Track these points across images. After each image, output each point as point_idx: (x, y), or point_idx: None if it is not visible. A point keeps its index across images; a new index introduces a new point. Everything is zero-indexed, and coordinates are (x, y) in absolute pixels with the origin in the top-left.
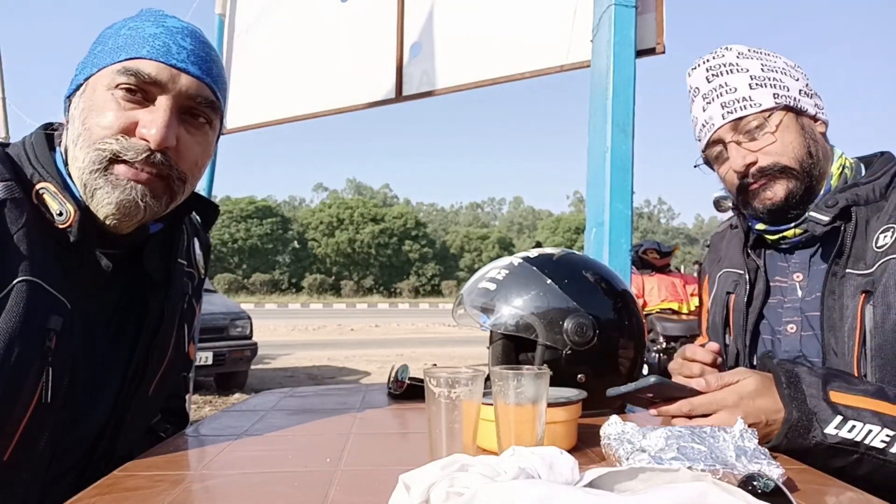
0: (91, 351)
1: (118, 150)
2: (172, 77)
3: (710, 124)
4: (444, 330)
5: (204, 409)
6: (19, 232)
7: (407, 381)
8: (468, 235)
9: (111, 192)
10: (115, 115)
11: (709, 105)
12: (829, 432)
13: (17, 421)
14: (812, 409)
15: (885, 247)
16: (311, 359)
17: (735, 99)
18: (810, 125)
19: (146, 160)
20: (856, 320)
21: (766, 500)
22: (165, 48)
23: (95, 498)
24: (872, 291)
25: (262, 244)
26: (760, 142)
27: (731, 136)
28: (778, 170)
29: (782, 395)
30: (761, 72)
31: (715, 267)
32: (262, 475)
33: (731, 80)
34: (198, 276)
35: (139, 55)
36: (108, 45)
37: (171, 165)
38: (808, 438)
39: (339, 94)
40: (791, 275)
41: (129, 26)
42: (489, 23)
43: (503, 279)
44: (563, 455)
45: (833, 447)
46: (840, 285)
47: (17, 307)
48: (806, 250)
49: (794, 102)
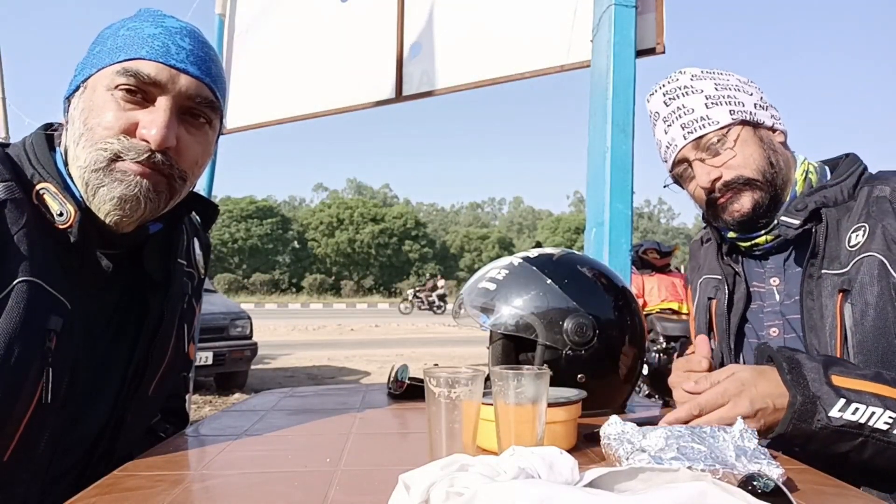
0: (91, 351)
1: (119, 150)
2: (172, 77)
3: (673, 145)
4: (444, 330)
5: (204, 409)
6: (20, 232)
7: (407, 381)
8: (468, 235)
9: (114, 188)
10: (116, 116)
11: (669, 128)
12: (833, 415)
13: (18, 421)
14: (815, 393)
15: (858, 245)
16: (311, 359)
17: (693, 119)
18: (768, 136)
19: (147, 160)
20: (836, 319)
21: (765, 500)
22: (165, 48)
23: (95, 498)
24: (849, 290)
25: (262, 244)
26: (722, 157)
27: (694, 154)
28: (742, 182)
29: (785, 381)
30: (715, 91)
31: (696, 275)
32: (262, 475)
33: (687, 102)
34: (197, 276)
35: (139, 56)
36: (108, 45)
37: (171, 165)
38: (812, 422)
39: (339, 94)
40: (768, 280)
41: (129, 27)
42: (489, 23)
43: (503, 279)
44: (563, 455)
45: (838, 430)
46: (817, 286)
47: (18, 307)
48: (779, 255)
49: (750, 116)
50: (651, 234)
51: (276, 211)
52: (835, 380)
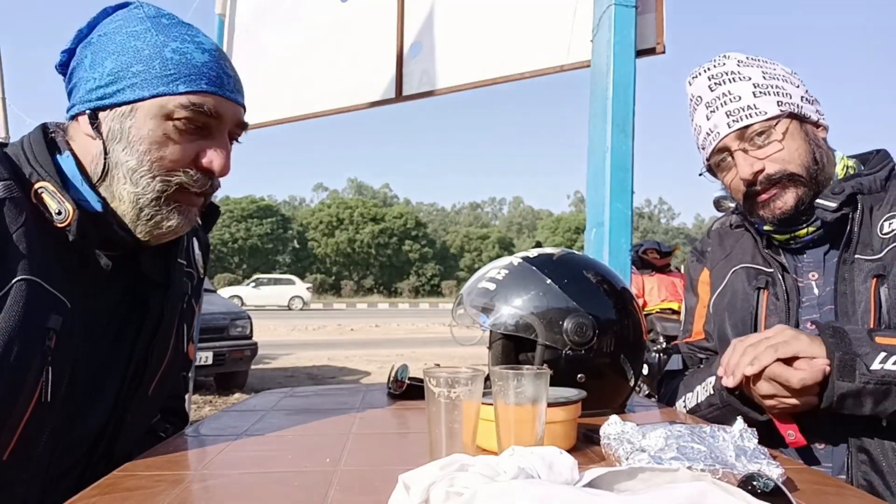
0: (91, 350)
1: (185, 182)
2: (228, 109)
3: (714, 132)
4: (444, 330)
5: (204, 409)
6: (18, 231)
7: (407, 381)
8: (468, 235)
9: (171, 218)
10: (183, 150)
11: (713, 114)
12: (874, 367)
13: (17, 420)
14: (856, 351)
15: (891, 233)
16: (311, 359)
17: (740, 107)
18: (813, 131)
19: (209, 188)
20: (870, 303)
21: (765, 500)
22: (219, 80)
23: (95, 498)
24: (885, 275)
25: (263, 244)
26: (767, 149)
27: (737, 144)
28: (786, 177)
29: (827, 343)
30: (763, 80)
31: (723, 262)
32: (262, 475)
33: (734, 89)
34: (197, 276)
35: (200, 89)
36: (155, 68)
37: (214, 186)
38: (855, 377)
39: (339, 94)
40: (806, 274)
41: (172, 48)
42: (489, 23)
43: (503, 279)
44: (563, 455)
45: (881, 382)
46: (850, 271)
47: (17, 306)
48: (818, 249)
49: (797, 109)
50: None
51: (276, 210)
52: (877, 338)
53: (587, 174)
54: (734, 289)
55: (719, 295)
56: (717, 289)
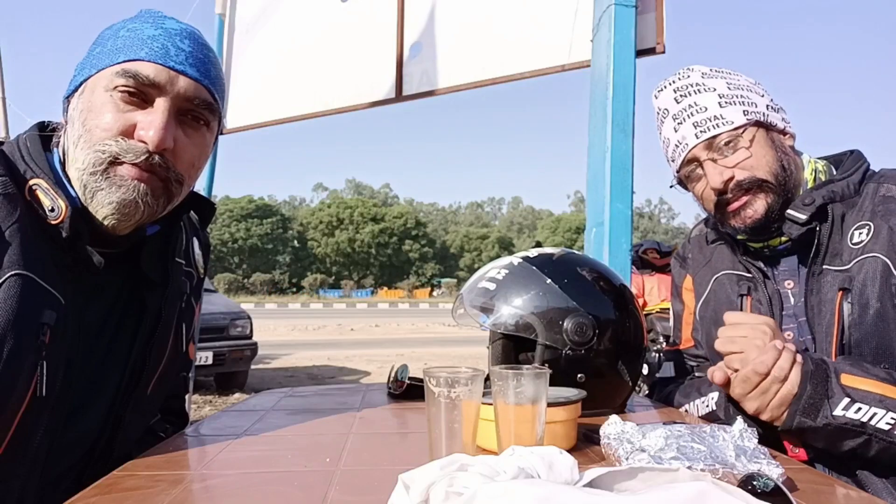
0: (88, 348)
1: (117, 152)
2: (171, 79)
3: (683, 144)
4: (444, 330)
5: (204, 409)
6: (12, 227)
7: (407, 381)
8: (468, 235)
9: (113, 192)
10: (114, 117)
11: (680, 125)
12: (837, 413)
13: (13, 414)
14: (827, 393)
15: (860, 244)
16: (311, 359)
17: (707, 118)
18: (780, 139)
19: (145, 162)
20: (834, 316)
21: (765, 500)
22: (164, 50)
23: (95, 498)
24: (849, 289)
25: (262, 244)
26: (735, 157)
27: (706, 154)
28: (755, 184)
29: (803, 373)
30: (728, 90)
31: (704, 269)
32: (262, 475)
33: (700, 100)
34: (196, 276)
35: (138, 57)
36: (107, 46)
37: (168, 167)
38: (817, 417)
39: (339, 94)
40: (783, 282)
41: (129, 28)
42: (489, 23)
43: (503, 279)
44: (563, 455)
45: (841, 428)
46: (818, 282)
47: (10, 300)
48: (792, 257)
49: (763, 118)
50: (651, 234)
51: (275, 210)
52: (843, 379)
53: (587, 174)
54: (717, 298)
55: (704, 303)
56: (701, 296)
